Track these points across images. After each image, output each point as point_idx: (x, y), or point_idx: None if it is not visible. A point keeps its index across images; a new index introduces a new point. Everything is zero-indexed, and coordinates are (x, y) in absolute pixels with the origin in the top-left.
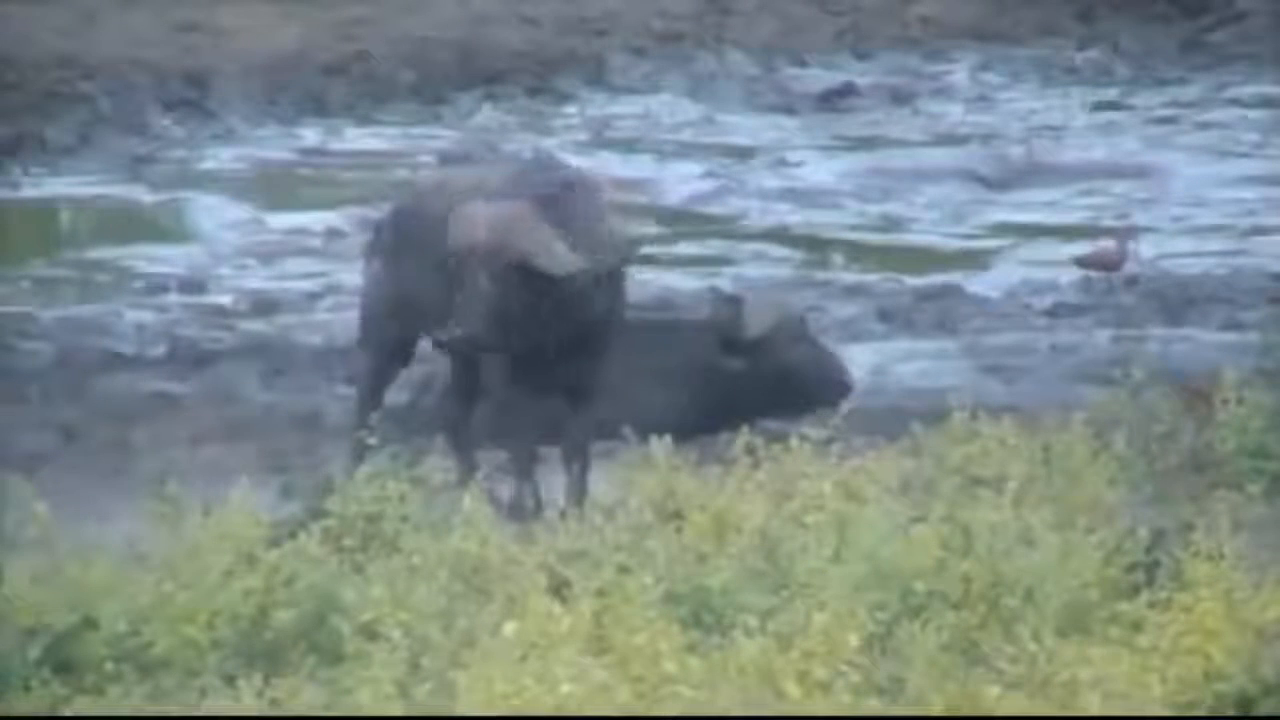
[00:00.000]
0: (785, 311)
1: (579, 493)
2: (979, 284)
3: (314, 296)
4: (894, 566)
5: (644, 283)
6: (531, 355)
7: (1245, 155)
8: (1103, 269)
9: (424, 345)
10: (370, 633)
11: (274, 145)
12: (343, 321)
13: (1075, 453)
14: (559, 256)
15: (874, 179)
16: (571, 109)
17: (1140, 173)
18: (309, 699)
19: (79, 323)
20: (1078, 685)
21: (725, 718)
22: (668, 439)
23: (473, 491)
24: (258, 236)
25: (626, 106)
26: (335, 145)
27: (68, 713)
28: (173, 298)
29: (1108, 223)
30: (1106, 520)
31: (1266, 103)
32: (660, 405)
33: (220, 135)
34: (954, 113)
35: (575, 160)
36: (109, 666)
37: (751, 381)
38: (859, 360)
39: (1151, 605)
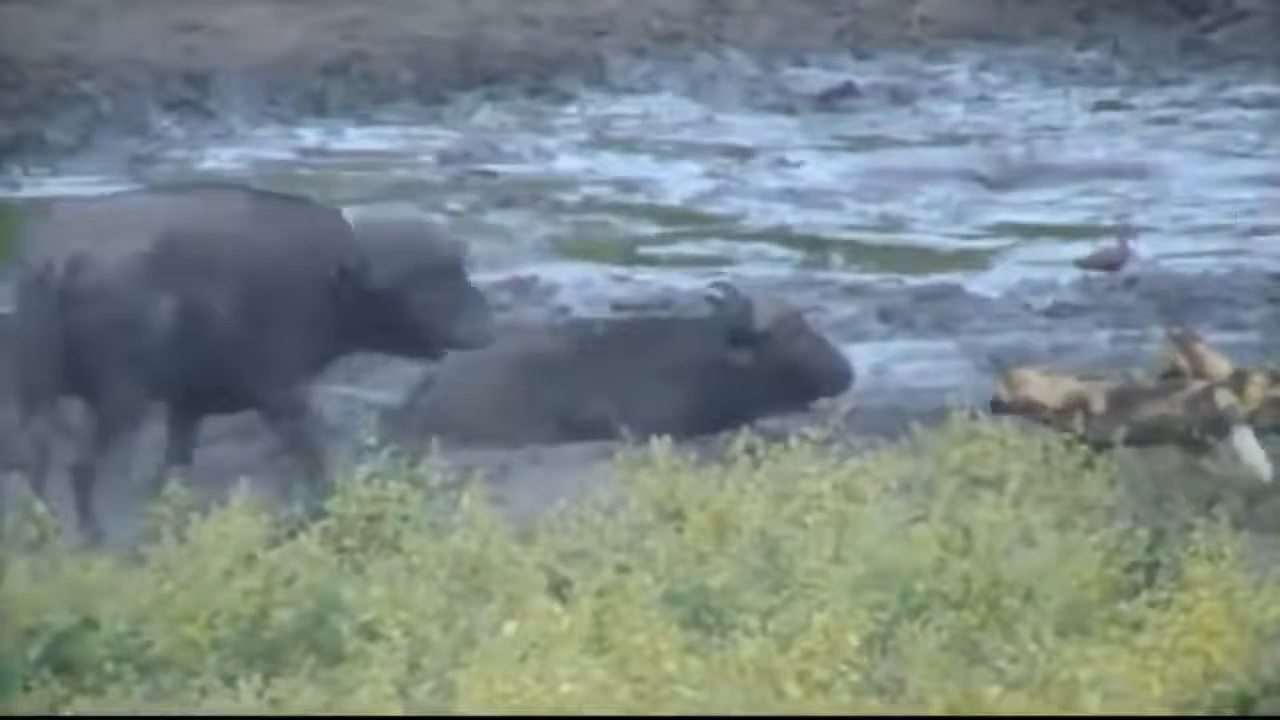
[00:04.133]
0: (785, 306)
1: None
2: (979, 284)
3: None
4: (894, 566)
5: (644, 283)
6: None
7: (1245, 155)
8: (1104, 269)
9: None
10: (370, 633)
11: (274, 145)
12: None
13: (1075, 453)
14: None
15: (874, 179)
16: (571, 109)
17: (1140, 173)
18: (309, 699)
19: None
20: (1078, 685)
21: (725, 718)
22: (667, 439)
23: (472, 491)
24: None
25: (626, 106)
26: (335, 145)
27: (68, 713)
28: None
29: (1108, 223)
30: (1106, 520)
31: (1266, 103)
32: (664, 402)
33: (220, 135)
34: (954, 113)
35: (575, 160)
36: (109, 666)
37: (755, 375)
38: (859, 360)
39: (1151, 605)
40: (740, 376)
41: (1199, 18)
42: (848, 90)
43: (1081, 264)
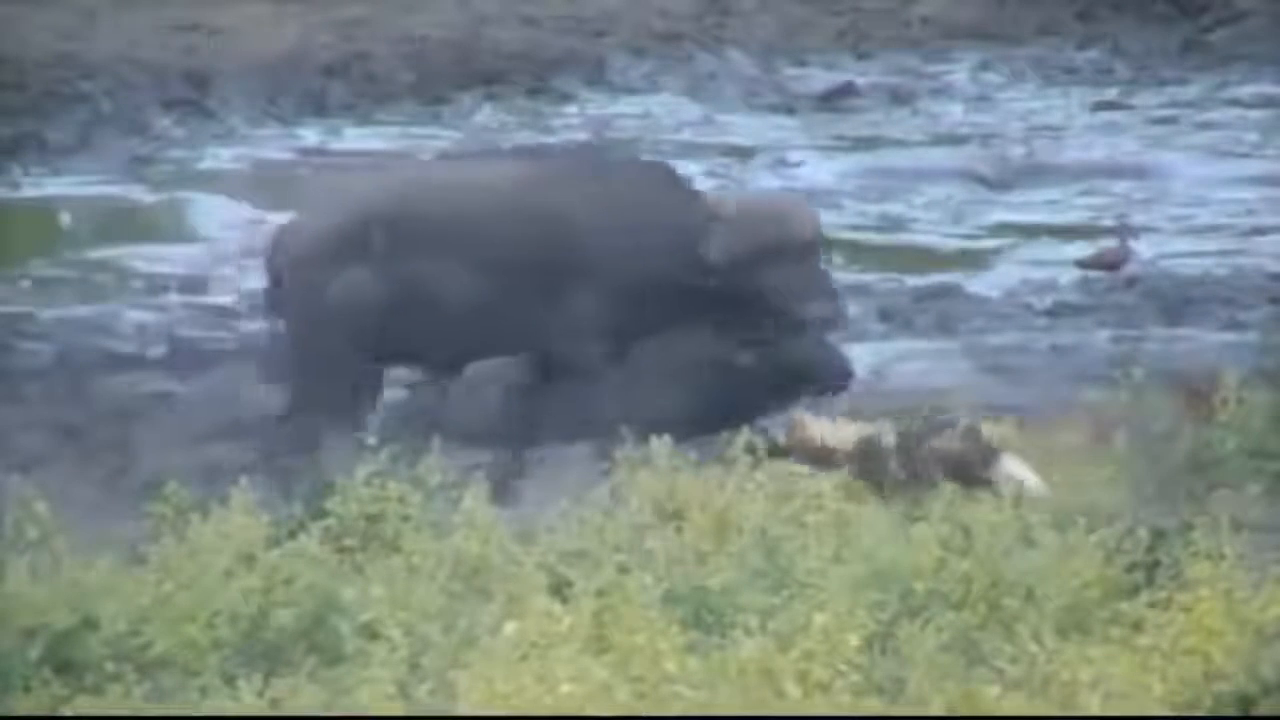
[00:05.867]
0: None
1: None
2: (979, 284)
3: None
4: (894, 566)
5: None
6: None
7: (1245, 155)
8: (1104, 269)
9: None
10: (370, 633)
11: (274, 145)
12: None
13: (1075, 453)
14: None
15: (874, 179)
16: (571, 109)
17: (1140, 173)
18: (309, 699)
19: (79, 323)
20: (1078, 685)
21: (725, 718)
22: (667, 438)
23: (473, 491)
24: (258, 237)
25: (626, 106)
26: (335, 145)
27: (68, 713)
28: (173, 298)
29: (1108, 223)
30: (1106, 520)
31: (1266, 103)
32: (666, 400)
33: (220, 135)
34: (954, 113)
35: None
36: (109, 666)
37: (756, 373)
38: (859, 360)
39: (1151, 605)
40: (740, 375)
41: (1199, 18)
42: (848, 90)
43: (1081, 264)
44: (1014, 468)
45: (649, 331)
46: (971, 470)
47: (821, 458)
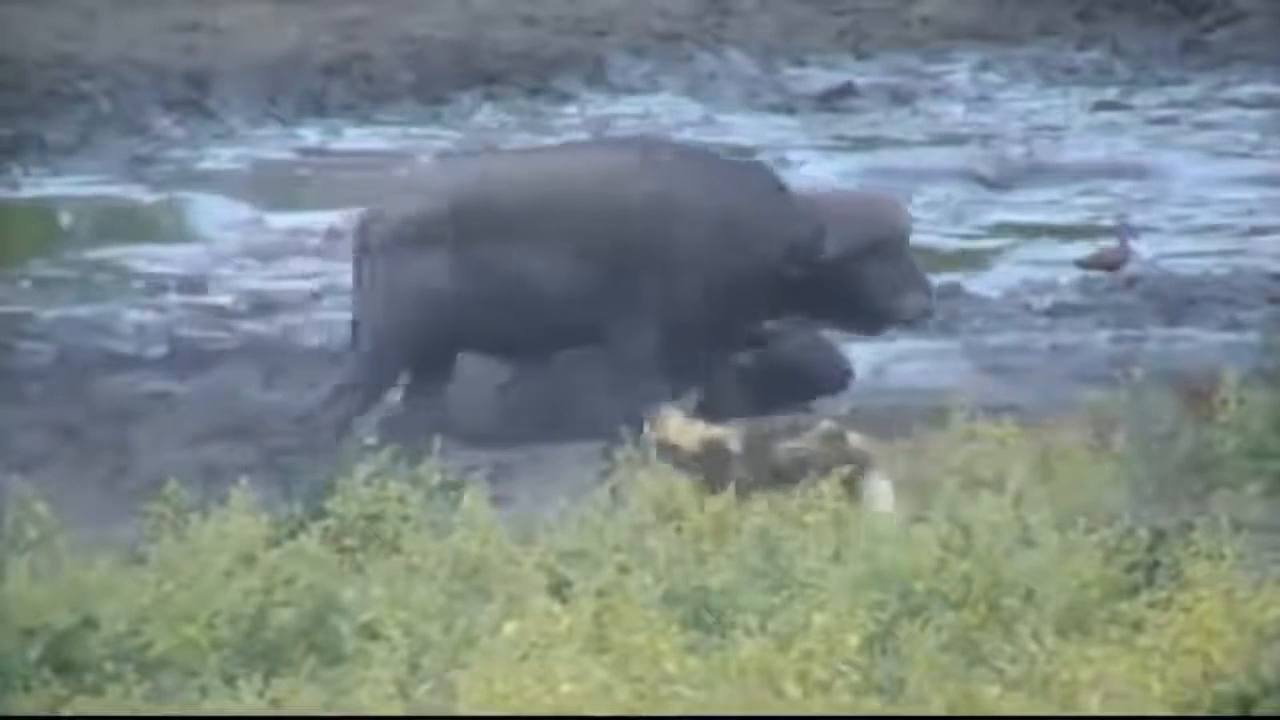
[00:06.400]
0: None
1: None
2: (979, 284)
3: (314, 296)
4: (894, 566)
5: None
6: None
7: (1245, 155)
8: (1104, 269)
9: None
10: (370, 633)
11: (274, 145)
12: (343, 321)
13: (1075, 453)
14: None
15: (874, 179)
16: (571, 109)
17: (1140, 173)
18: (309, 699)
19: (79, 323)
20: (1078, 685)
21: (725, 718)
22: None
23: (473, 491)
24: (258, 236)
25: (626, 106)
26: (335, 145)
27: (68, 713)
28: (173, 298)
29: (1108, 223)
30: (1106, 520)
31: (1266, 103)
32: (665, 400)
33: (220, 135)
34: (954, 113)
35: None
36: (109, 666)
37: (756, 374)
38: (859, 360)
39: (1151, 605)
40: (741, 376)
41: (1199, 18)
42: (848, 90)
43: (1081, 264)
44: (879, 487)
45: (742, 324)
46: (832, 474)
47: (673, 455)
